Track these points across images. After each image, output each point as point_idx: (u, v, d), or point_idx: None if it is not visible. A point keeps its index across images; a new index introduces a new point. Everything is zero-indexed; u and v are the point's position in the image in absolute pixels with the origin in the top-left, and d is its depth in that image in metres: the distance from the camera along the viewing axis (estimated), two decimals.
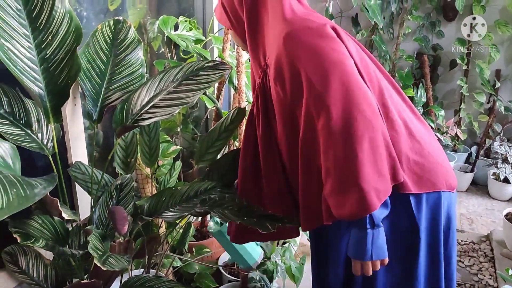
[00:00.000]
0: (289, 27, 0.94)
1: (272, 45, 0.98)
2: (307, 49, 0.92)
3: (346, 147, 0.87)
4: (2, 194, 0.65)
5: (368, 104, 0.88)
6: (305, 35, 0.93)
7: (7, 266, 1.11)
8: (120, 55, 1.27)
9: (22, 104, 1.05)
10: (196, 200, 1.25)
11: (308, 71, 0.90)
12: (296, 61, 0.92)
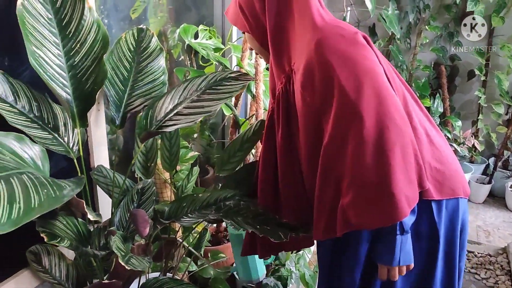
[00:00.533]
0: (321, 34, 0.94)
1: (300, 51, 0.98)
2: (340, 56, 0.91)
3: (378, 155, 0.87)
4: (34, 194, 0.69)
5: (399, 112, 0.90)
6: (338, 42, 0.93)
7: (31, 265, 1.15)
8: (143, 62, 1.31)
9: (50, 109, 1.09)
10: (214, 207, 1.27)
11: (341, 79, 0.90)
12: (328, 68, 0.91)
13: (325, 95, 0.93)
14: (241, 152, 1.41)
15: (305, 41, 0.97)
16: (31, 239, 1.21)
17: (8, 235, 1.16)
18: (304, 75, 0.96)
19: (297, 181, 1.12)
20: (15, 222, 0.62)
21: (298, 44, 1.00)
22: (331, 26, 0.97)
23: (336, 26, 0.97)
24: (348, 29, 0.97)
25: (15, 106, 1.02)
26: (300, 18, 0.99)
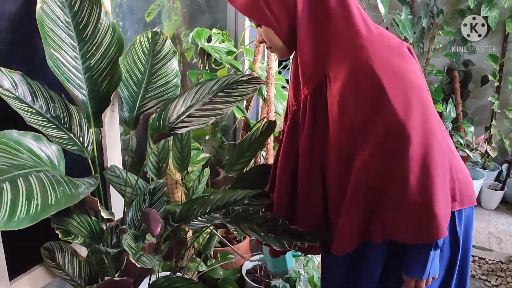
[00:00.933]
0: (368, 44, 0.89)
1: (340, 58, 0.92)
2: (389, 70, 0.87)
3: (423, 175, 0.88)
4: (51, 192, 0.71)
5: (439, 127, 0.91)
6: (386, 55, 0.89)
7: (46, 261, 1.17)
8: (157, 65, 1.34)
9: (66, 109, 1.12)
10: (224, 210, 1.27)
11: (390, 95, 0.86)
12: (376, 82, 0.86)
13: (370, 110, 0.89)
14: (250, 152, 1.43)
15: (347, 48, 0.91)
16: (45, 236, 1.24)
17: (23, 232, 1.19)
18: (347, 86, 0.90)
19: (316, 188, 1.07)
20: (33, 217, 0.64)
21: (337, 50, 0.93)
22: (377, 35, 0.92)
23: (382, 35, 0.93)
24: (393, 39, 0.94)
25: (33, 106, 1.06)
26: (340, 23, 0.92)
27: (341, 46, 0.92)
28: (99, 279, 1.26)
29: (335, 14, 0.92)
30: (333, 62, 0.93)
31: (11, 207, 0.63)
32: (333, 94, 0.94)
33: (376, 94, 0.87)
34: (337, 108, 0.93)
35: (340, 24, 0.92)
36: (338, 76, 0.91)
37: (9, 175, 0.70)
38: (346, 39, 0.91)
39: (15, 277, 1.19)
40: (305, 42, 0.95)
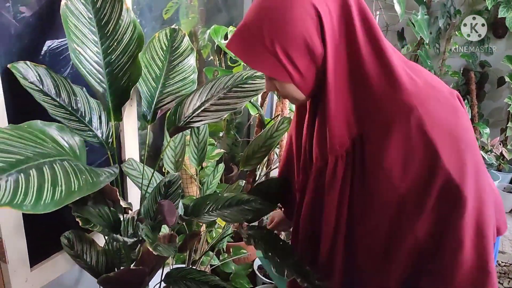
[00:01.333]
0: (416, 101, 0.78)
1: (383, 118, 0.80)
2: (443, 131, 0.78)
3: (478, 238, 0.83)
4: (74, 179, 0.75)
5: (489, 180, 0.86)
6: (438, 114, 0.79)
7: (65, 249, 1.21)
8: (174, 61, 1.37)
9: (87, 103, 1.16)
10: (236, 208, 1.28)
11: (445, 160, 0.78)
12: (431, 148, 0.78)
13: (422, 176, 0.80)
14: (265, 148, 1.45)
15: (390, 107, 0.79)
16: (64, 226, 1.28)
17: (44, 221, 1.23)
18: (394, 151, 0.80)
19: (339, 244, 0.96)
20: (57, 202, 0.67)
21: (377, 108, 0.81)
22: (424, 87, 0.80)
23: (429, 86, 0.82)
24: (442, 88, 0.84)
25: (56, 99, 1.10)
26: (378, 76, 0.80)
27: (383, 104, 0.80)
28: (115, 268, 1.29)
29: (370, 67, 0.79)
30: (373, 121, 0.82)
31: (37, 192, 0.67)
32: (375, 157, 0.83)
33: (429, 160, 0.78)
34: (380, 175, 0.83)
35: (378, 77, 0.80)
36: (381, 138, 0.80)
37: (35, 163, 0.73)
38: (388, 96, 0.79)
39: (35, 264, 1.23)
40: (336, 100, 0.82)
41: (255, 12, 0.79)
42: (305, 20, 0.75)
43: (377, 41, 0.79)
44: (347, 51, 0.80)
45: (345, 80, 0.81)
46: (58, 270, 1.31)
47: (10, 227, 1.11)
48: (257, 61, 0.80)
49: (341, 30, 0.78)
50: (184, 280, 1.28)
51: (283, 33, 0.76)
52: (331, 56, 0.79)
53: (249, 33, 0.80)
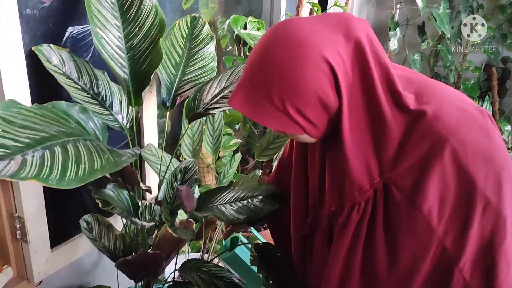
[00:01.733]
0: (444, 129, 0.72)
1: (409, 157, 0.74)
2: (475, 155, 0.72)
3: None
4: (97, 158, 0.76)
5: None
6: (469, 137, 0.73)
7: (84, 232, 1.23)
8: (194, 49, 1.37)
9: (108, 87, 1.17)
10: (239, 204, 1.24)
11: (481, 184, 0.73)
12: (468, 179, 0.73)
13: (460, 211, 0.74)
14: (281, 139, 1.45)
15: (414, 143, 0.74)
16: (84, 210, 1.31)
17: (65, 205, 1.25)
18: (432, 191, 0.73)
19: None
20: (81, 179, 0.68)
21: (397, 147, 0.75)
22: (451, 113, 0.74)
23: (457, 109, 0.75)
24: (471, 110, 0.77)
25: (78, 83, 1.11)
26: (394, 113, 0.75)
27: (410, 145, 0.75)
28: (132, 252, 1.31)
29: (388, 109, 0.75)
30: (401, 165, 0.76)
31: (62, 168, 0.68)
32: (410, 203, 0.75)
33: (466, 190, 0.73)
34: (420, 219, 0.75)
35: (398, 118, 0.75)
36: (416, 181, 0.74)
37: (59, 141, 0.74)
38: (414, 135, 0.74)
39: (55, 245, 1.25)
40: (354, 147, 0.77)
41: (261, 68, 0.73)
42: (318, 76, 0.70)
43: (392, 82, 0.75)
44: (364, 96, 0.75)
45: (362, 125, 0.76)
46: (77, 253, 1.33)
47: (32, 208, 1.13)
48: (266, 119, 0.75)
49: (356, 76, 0.74)
50: (198, 272, 1.28)
51: (294, 92, 0.71)
52: (346, 104, 0.74)
53: (255, 90, 0.74)
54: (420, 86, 0.79)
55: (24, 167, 0.63)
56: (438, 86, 0.81)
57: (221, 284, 1.22)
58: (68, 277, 1.37)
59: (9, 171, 0.61)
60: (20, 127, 0.71)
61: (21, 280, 1.21)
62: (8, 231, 1.15)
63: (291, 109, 0.72)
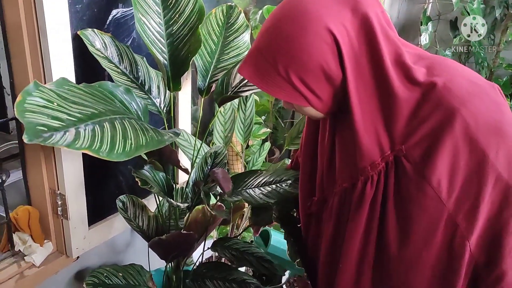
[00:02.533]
0: (455, 100, 0.72)
1: (419, 128, 0.74)
2: (487, 128, 0.72)
3: None
4: (141, 135, 0.79)
5: None
6: (480, 110, 0.72)
7: (120, 212, 1.28)
8: (229, 37, 1.39)
9: (147, 72, 1.21)
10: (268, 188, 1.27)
11: (492, 157, 0.72)
12: (479, 152, 0.72)
13: (471, 185, 0.74)
14: None
15: (425, 114, 0.74)
16: (119, 191, 1.35)
17: (102, 185, 1.30)
18: (442, 163, 0.73)
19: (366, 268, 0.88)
20: (128, 154, 0.72)
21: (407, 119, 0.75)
22: (463, 85, 0.74)
23: (469, 82, 0.76)
24: (482, 84, 0.77)
25: (119, 67, 1.15)
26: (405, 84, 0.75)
27: (421, 116, 0.74)
28: (164, 233, 1.35)
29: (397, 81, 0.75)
30: (412, 137, 0.75)
31: (111, 142, 0.72)
32: (420, 175, 0.75)
33: (477, 164, 0.73)
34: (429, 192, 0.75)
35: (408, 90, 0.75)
36: (426, 153, 0.74)
37: (107, 117, 0.78)
38: (425, 106, 0.74)
39: (93, 223, 1.31)
40: (364, 120, 0.77)
41: (268, 39, 0.75)
42: (321, 47, 0.71)
43: (401, 56, 0.75)
44: (371, 69, 0.74)
45: (371, 98, 0.76)
46: (112, 232, 1.38)
47: (73, 187, 1.18)
48: (272, 88, 0.77)
49: (362, 49, 0.74)
50: (229, 249, 1.32)
51: (298, 63, 0.73)
52: (352, 77, 0.74)
53: (262, 60, 0.76)
54: (432, 61, 0.78)
55: (78, 138, 0.67)
56: (450, 61, 0.80)
57: (252, 260, 1.25)
58: (102, 254, 1.43)
59: (65, 141, 0.65)
60: (72, 103, 0.75)
61: (60, 254, 1.27)
62: (50, 207, 1.21)
63: (295, 78, 0.73)
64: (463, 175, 0.73)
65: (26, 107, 0.67)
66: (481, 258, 0.78)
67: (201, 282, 1.33)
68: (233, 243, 1.34)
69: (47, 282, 1.26)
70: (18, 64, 1.07)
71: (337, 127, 0.85)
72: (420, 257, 0.79)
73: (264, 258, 1.31)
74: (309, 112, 0.82)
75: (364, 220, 0.81)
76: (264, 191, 1.20)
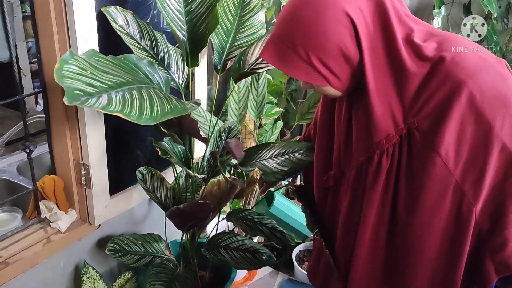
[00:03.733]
0: (461, 73, 0.76)
1: (429, 101, 0.78)
2: (492, 100, 0.75)
3: None
4: (166, 103, 0.85)
5: None
6: (486, 83, 0.76)
7: (140, 182, 1.34)
8: (245, 16, 1.43)
9: (166, 48, 1.26)
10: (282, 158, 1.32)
11: (497, 128, 0.76)
12: (484, 122, 0.76)
13: (476, 155, 0.78)
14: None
15: (434, 87, 0.78)
16: (138, 164, 1.42)
17: (122, 157, 1.36)
18: (449, 134, 0.77)
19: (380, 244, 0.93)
20: (155, 119, 0.78)
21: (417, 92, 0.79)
22: (470, 59, 0.78)
23: (476, 56, 0.79)
24: (489, 58, 0.80)
25: (140, 43, 1.20)
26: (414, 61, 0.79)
27: (430, 89, 0.78)
28: (181, 204, 1.42)
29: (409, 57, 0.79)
30: (422, 109, 0.80)
31: (139, 108, 0.77)
32: (429, 145, 0.79)
33: (482, 134, 0.77)
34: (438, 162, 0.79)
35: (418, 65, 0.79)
36: (435, 124, 0.78)
37: (134, 86, 0.83)
38: (435, 79, 0.78)
39: (113, 194, 1.37)
40: (379, 96, 0.81)
41: (287, 22, 0.79)
42: (339, 30, 0.75)
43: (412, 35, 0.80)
44: (385, 49, 0.79)
45: (385, 76, 0.80)
46: (131, 202, 1.45)
47: (96, 157, 1.24)
48: (293, 70, 0.81)
49: (377, 30, 0.78)
50: (243, 219, 1.38)
51: (317, 45, 0.77)
52: (368, 56, 0.79)
53: (282, 43, 0.80)
54: (442, 38, 0.82)
55: (111, 103, 0.73)
56: (461, 38, 0.83)
57: (265, 230, 1.31)
58: (122, 224, 1.50)
59: (100, 104, 0.70)
60: (102, 72, 0.81)
61: (83, 222, 1.34)
62: (74, 177, 1.28)
63: (315, 60, 0.77)
64: (469, 145, 0.77)
65: (64, 73, 0.72)
66: (485, 225, 0.82)
67: (216, 251, 1.40)
68: (247, 214, 1.40)
69: (71, 248, 1.33)
70: (46, 40, 1.13)
71: (353, 105, 0.90)
72: (430, 224, 0.84)
73: (276, 228, 1.36)
74: (328, 91, 0.86)
75: (380, 190, 0.86)
76: (278, 161, 1.25)
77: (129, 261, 1.35)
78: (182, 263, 1.49)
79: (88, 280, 1.35)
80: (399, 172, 0.84)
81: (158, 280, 1.29)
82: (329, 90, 0.85)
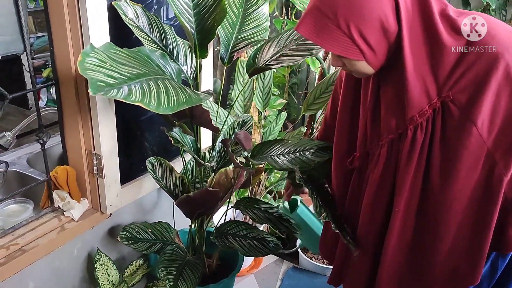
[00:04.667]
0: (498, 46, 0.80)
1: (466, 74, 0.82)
2: None
3: None
4: (181, 94, 0.88)
5: None
6: None
7: (149, 172, 1.38)
8: (249, 9, 1.46)
9: (175, 41, 1.29)
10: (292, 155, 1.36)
11: None
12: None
13: (508, 125, 0.82)
14: (326, 94, 1.55)
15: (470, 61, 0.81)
16: (148, 154, 1.45)
17: (132, 149, 1.39)
18: (486, 104, 0.81)
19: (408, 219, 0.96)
20: (172, 108, 0.81)
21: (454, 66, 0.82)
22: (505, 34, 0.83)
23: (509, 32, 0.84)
24: None
25: (149, 35, 1.23)
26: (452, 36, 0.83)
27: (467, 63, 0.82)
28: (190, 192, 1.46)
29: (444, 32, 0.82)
30: (459, 83, 0.82)
31: (157, 98, 0.81)
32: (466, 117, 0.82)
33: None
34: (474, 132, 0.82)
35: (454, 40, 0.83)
36: (472, 96, 0.81)
37: (151, 77, 0.87)
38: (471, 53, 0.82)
39: (125, 183, 1.41)
40: (414, 71, 0.83)
41: None
42: (381, 2, 0.77)
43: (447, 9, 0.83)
44: (422, 23, 0.81)
45: (421, 50, 0.82)
46: (141, 192, 1.49)
47: (108, 148, 1.28)
48: (330, 43, 0.81)
49: (415, 4, 0.81)
50: (251, 208, 1.43)
51: (360, 16, 0.78)
52: (406, 30, 0.80)
53: (322, 14, 0.80)
54: (473, 16, 0.86)
55: (132, 93, 0.76)
56: (486, 15, 0.87)
57: (272, 218, 1.35)
58: (132, 213, 1.54)
59: (122, 94, 0.74)
60: (120, 64, 0.84)
61: (95, 211, 1.38)
62: (86, 167, 1.31)
63: (355, 32, 0.79)
64: (503, 114, 0.81)
65: (86, 66, 0.76)
66: (510, 194, 0.87)
67: (224, 239, 1.44)
68: (255, 202, 1.44)
69: (84, 236, 1.37)
70: (58, 33, 1.16)
71: (381, 83, 0.91)
72: (462, 191, 0.87)
73: (283, 217, 1.40)
74: (359, 68, 0.87)
75: (415, 164, 0.88)
76: (288, 158, 1.29)
77: (140, 248, 1.39)
78: (191, 251, 1.53)
79: (101, 266, 1.39)
80: (432, 144, 0.87)
81: (169, 266, 1.33)
82: (362, 66, 0.86)
